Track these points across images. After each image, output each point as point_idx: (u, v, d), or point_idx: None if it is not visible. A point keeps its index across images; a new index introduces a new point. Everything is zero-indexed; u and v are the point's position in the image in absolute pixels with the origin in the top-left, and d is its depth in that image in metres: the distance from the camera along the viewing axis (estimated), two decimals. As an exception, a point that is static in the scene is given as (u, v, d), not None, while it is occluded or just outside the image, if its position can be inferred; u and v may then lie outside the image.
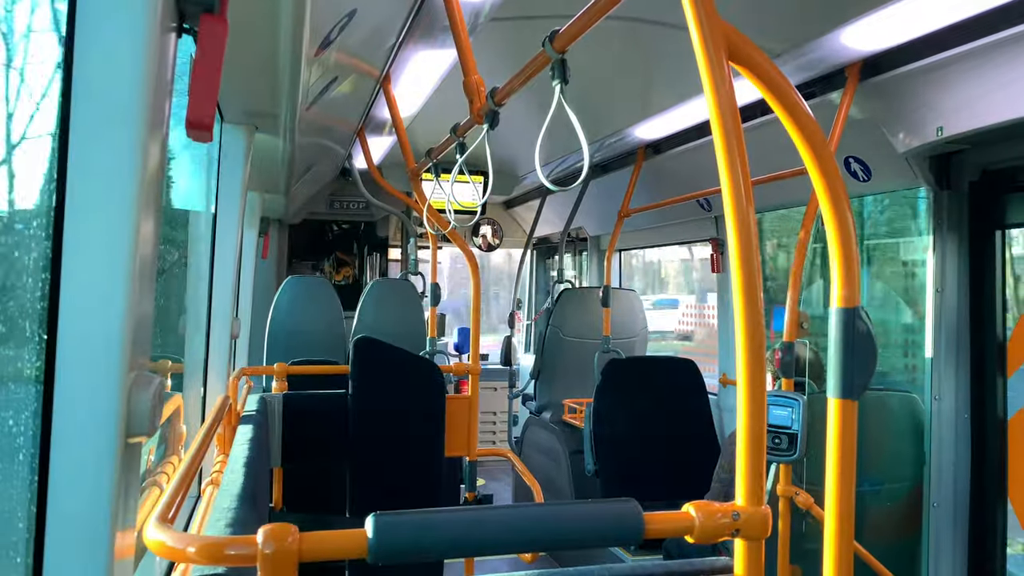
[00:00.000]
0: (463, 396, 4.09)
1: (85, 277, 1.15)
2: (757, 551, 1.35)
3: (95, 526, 1.15)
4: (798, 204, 4.22)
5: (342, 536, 1.23)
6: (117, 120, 1.14)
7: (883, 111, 3.20)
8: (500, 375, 7.97)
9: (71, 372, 1.14)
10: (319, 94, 3.42)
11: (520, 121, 3.96)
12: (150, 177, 1.20)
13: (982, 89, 2.74)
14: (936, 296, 3.41)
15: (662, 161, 4.99)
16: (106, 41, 1.13)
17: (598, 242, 7.53)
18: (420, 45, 3.47)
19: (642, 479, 4.76)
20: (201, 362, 3.47)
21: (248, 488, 2.22)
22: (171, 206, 3.23)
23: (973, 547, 3.36)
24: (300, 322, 6.20)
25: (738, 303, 1.32)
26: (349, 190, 7.55)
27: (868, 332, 1.39)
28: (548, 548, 1.35)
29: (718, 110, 1.30)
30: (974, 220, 3.34)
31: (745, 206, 1.32)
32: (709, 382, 5.25)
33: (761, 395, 1.32)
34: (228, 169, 3.35)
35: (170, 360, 3.57)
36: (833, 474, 1.40)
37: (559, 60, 1.95)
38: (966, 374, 3.37)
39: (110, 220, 1.15)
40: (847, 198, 1.40)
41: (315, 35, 2.34)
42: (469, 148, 3.04)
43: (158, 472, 2.99)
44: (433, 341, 5.48)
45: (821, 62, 3.12)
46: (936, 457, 3.41)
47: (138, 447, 1.25)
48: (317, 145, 5.07)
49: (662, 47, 3.44)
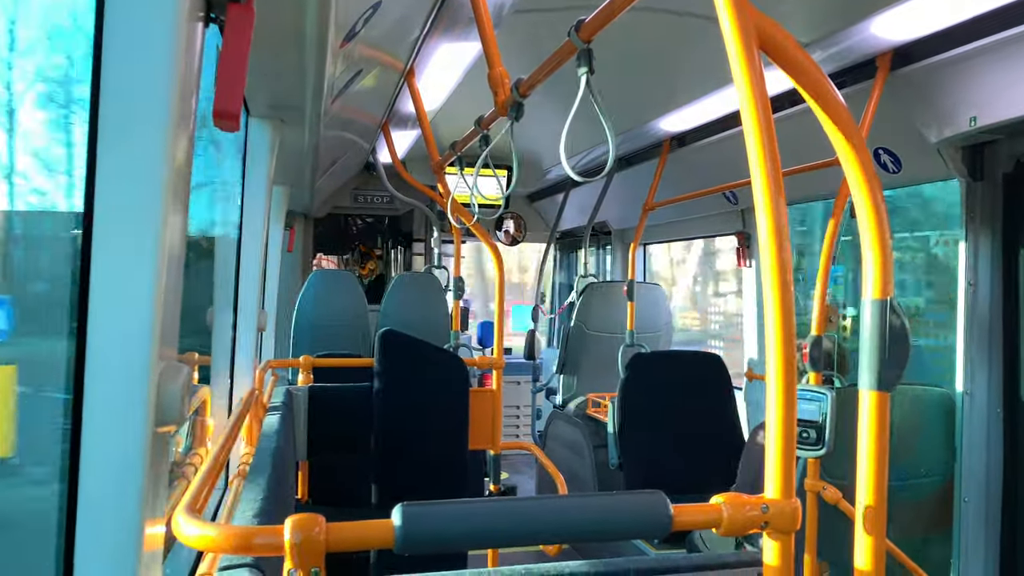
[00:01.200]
0: (487, 389, 4.09)
1: (114, 268, 1.15)
2: (787, 545, 1.33)
3: (125, 515, 1.15)
4: (826, 196, 4.17)
5: (369, 526, 1.23)
6: (145, 110, 1.14)
7: (914, 101, 3.15)
8: (524, 369, 7.96)
9: (101, 362, 1.15)
10: (344, 87, 3.43)
11: (544, 115, 3.95)
12: (178, 168, 1.21)
13: (1016, 78, 2.69)
14: (968, 289, 3.35)
15: (687, 154, 4.96)
16: (134, 29, 1.13)
17: (622, 236, 7.49)
18: (444, 37, 3.47)
19: (666, 473, 4.73)
20: (228, 355, 3.50)
21: (275, 480, 2.23)
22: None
23: (1005, 544, 3.31)
24: (325, 315, 6.24)
25: (769, 296, 1.30)
26: (373, 184, 7.57)
27: (901, 324, 1.36)
28: (574, 540, 1.35)
29: (750, 100, 1.28)
30: (1008, 212, 3.29)
31: (776, 197, 1.30)
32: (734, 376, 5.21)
33: (792, 388, 1.30)
34: (254, 163, 3.36)
35: (197, 353, 3.59)
36: (865, 468, 1.37)
37: (585, 49, 1.94)
38: (999, 369, 3.31)
39: (138, 210, 1.15)
40: (880, 187, 1.38)
41: (340, 27, 2.34)
42: (493, 141, 3.03)
43: (186, 463, 3.01)
44: (457, 334, 5.49)
45: (851, 52, 3.08)
46: (967, 453, 3.36)
47: (167, 436, 1.26)
48: (342, 139, 5.09)
49: (688, 38, 3.41)
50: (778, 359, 1.30)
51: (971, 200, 3.33)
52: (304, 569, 1.19)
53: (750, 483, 3.61)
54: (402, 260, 8.53)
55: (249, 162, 3.38)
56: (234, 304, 3.49)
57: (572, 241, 8.64)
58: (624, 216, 6.94)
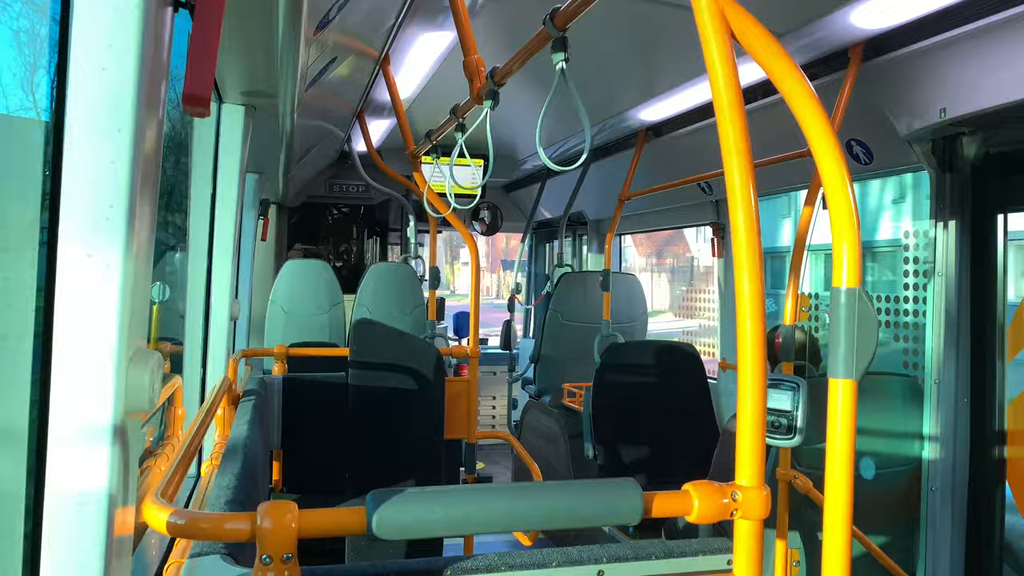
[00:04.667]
0: (462, 379, 4.09)
1: (81, 254, 1.14)
2: (756, 532, 1.35)
3: (93, 501, 1.14)
4: (799, 187, 4.21)
5: (342, 513, 1.23)
6: (113, 96, 1.13)
7: (885, 93, 3.18)
8: (500, 359, 7.97)
9: (68, 348, 1.13)
10: (318, 75, 3.40)
11: (520, 105, 3.95)
12: (147, 154, 1.19)
13: (985, 70, 2.73)
14: (937, 279, 3.40)
15: (663, 144, 4.97)
16: (102, 13, 1.11)
17: (598, 226, 7.51)
18: (420, 25, 3.45)
19: (641, 462, 4.77)
20: (200, 343, 3.47)
21: (248, 468, 2.22)
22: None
23: (971, 531, 3.37)
24: (300, 305, 6.20)
25: (740, 286, 1.31)
26: (349, 173, 7.52)
27: (870, 312, 1.38)
28: (547, 526, 1.35)
29: (722, 88, 1.29)
30: (976, 203, 3.33)
31: (747, 188, 1.31)
32: (708, 366, 5.25)
33: (761, 378, 1.32)
34: (227, 149, 3.33)
35: (169, 342, 3.56)
36: (833, 456, 1.39)
37: (560, 37, 1.94)
38: (966, 358, 3.37)
39: (106, 195, 1.14)
40: (850, 178, 1.39)
41: (314, 14, 2.32)
42: (469, 130, 3.03)
43: (158, 452, 2.99)
44: (432, 324, 5.48)
45: (823, 42, 3.10)
46: (935, 441, 3.41)
47: (137, 423, 1.25)
48: (316, 127, 5.05)
49: (664, 27, 3.41)
50: (750, 348, 1.31)
51: (940, 191, 3.37)
52: (276, 556, 1.19)
53: (724, 472, 3.65)
54: (378, 250, 8.49)
55: (222, 149, 3.35)
56: (206, 292, 3.46)
57: (549, 232, 8.66)
58: (600, 206, 6.95)
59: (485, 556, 1.47)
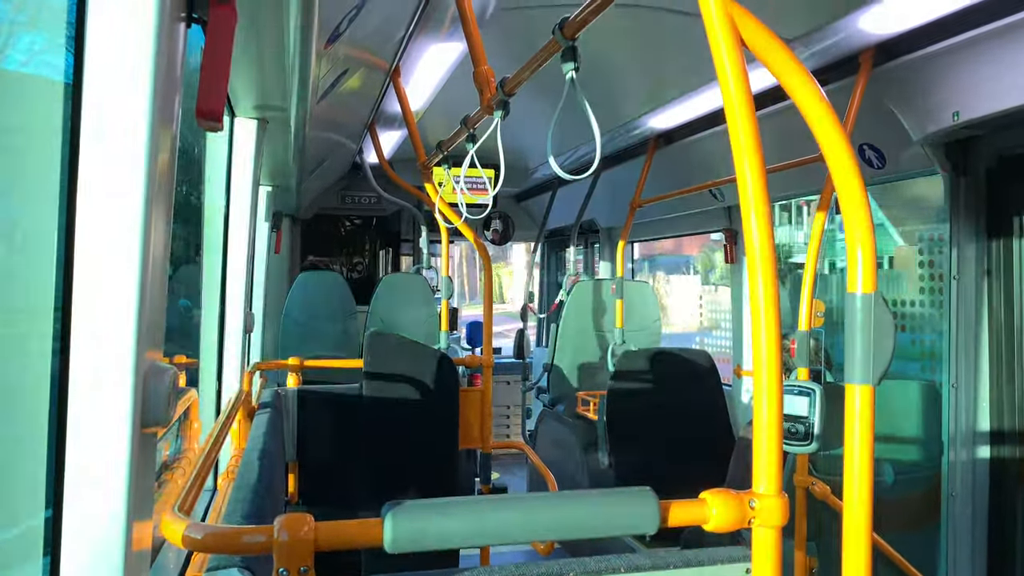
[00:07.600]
0: (476, 389, 4.08)
1: (97, 268, 1.15)
2: (774, 540, 1.34)
3: (111, 516, 1.15)
4: (812, 192, 4.19)
5: (358, 525, 1.23)
6: (128, 111, 1.14)
7: (897, 97, 3.17)
8: (513, 369, 7.96)
9: (85, 363, 1.14)
10: (329, 88, 3.42)
11: (530, 114, 3.95)
12: (161, 168, 1.20)
13: (999, 73, 2.71)
14: (953, 283, 3.37)
15: (674, 151, 4.97)
16: (116, 30, 1.12)
17: (610, 234, 7.50)
18: (429, 37, 3.46)
19: (657, 470, 4.74)
20: (216, 357, 3.49)
21: (263, 481, 2.23)
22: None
23: (993, 537, 3.33)
24: (313, 317, 6.22)
25: (755, 292, 1.31)
26: (361, 185, 7.54)
27: (887, 318, 1.37)
28: (564, 536, 1.35)
29: (734, 96, 1.29)
30: (991, 206, 3.31)
31: (760, 193, 1.31)
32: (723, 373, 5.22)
33: (778, 384, 1.31)
34: (239, 163, 3.36)
35: (185, 355, 3.58)
36: (851, 463, 1.38)
37: (570, 46, 1.94)
38: (985, 362, 3.34)
39: (122, 210, 1.14)
40: (863, 183, 1.39)
41: (324, 27, 2.33)
42: (480, 140, 3.03)
43: (174, 466, 3.00)
44: (446, 335, 5.48)
45: (834, 48, 3.09)
46: (954, 446, 3.38)
47: (153, 437, 1.26)
48: (328, 139, 5.08)
49: (674, 35, 3.41)
50: (766, 354, 1.31)
51: (955, 195, 3.35)
52: (293, 569, 1.19)
53: (741, 480, 3.62)
54: (390, 260, 8.51)
55: (235, 162, 3.37)
56: (221, 306, 3.48)
57: (560, 240, 8.65)
58: (612, 214, 6.95)
59: (502, 568, 1.47)
